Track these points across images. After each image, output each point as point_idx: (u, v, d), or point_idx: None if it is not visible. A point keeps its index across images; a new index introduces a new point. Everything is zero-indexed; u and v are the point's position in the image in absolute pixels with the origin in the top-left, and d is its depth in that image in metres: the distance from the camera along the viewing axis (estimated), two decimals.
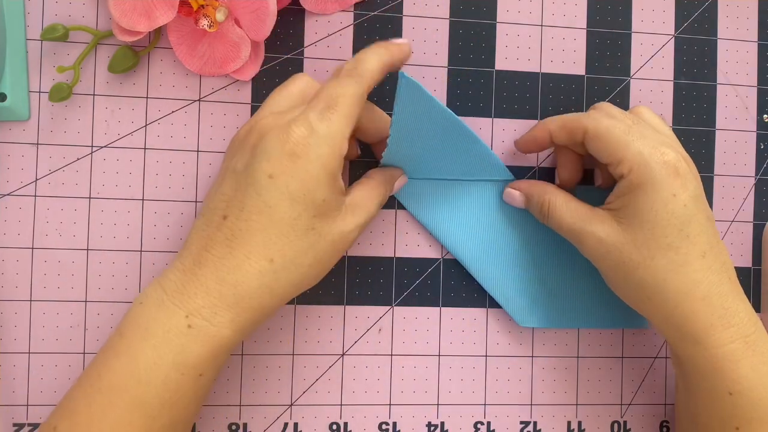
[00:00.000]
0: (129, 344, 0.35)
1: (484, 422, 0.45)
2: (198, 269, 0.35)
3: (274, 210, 0.34)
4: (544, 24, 0.45)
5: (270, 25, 0.40)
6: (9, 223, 0.41)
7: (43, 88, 0.41)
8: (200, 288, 0.35)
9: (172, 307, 0.34)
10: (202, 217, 0.36)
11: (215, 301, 0.34)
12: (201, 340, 0.34)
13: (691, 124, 0.46)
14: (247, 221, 0.35)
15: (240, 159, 0.36)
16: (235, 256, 0.35)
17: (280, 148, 0.34)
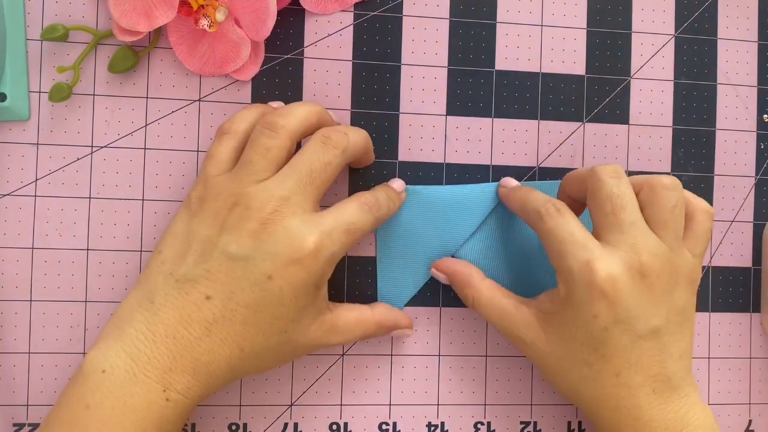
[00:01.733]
0: (105, 420, 0.34)
1: (484, 422, 0.45)
2: (173, 344, 0.35)
3: (260, 308, 0.35)
4: (544, 24, 0.45)
5: (270, 25, 0.40)
6: (9, 223, 0.41)
7: (43, 88, 0.41)
8: (176, 364, 0.35)
9: (147, 380, 0.34)
10: (174, 284, 0.36)
11: (190, 379, 0.35)
12: (178, 411, 0.35)
13: (691, 124, 0.46)
14: (232, 311, 0.35)
15: (235, 243, 0.35)
16: (211, 340, 0.35)
17: (289, 253, 0.35)
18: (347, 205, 0.37)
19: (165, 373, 0.35)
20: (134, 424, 0.34)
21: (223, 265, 0.35)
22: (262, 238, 0.35)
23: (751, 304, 0.47)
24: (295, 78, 0.43)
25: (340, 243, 0.36)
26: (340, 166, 0.37)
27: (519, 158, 0.45)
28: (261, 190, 0.36)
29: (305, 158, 0.37)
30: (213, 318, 0.35)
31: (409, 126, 0.44)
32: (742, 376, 0.46)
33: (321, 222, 0.36)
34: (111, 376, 0.34)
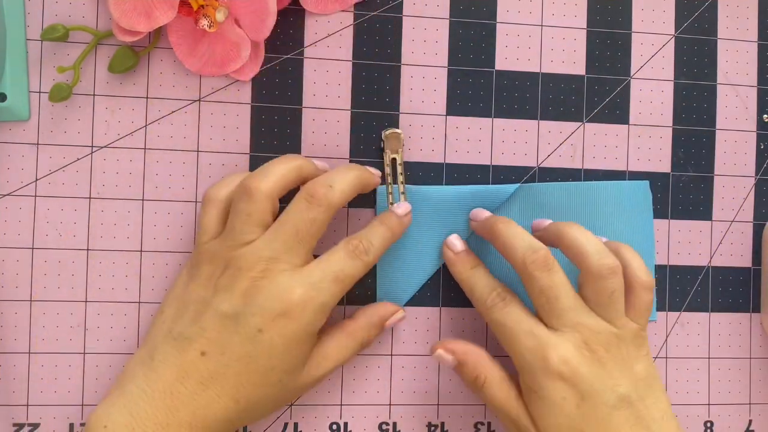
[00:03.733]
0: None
1: (484, 422, 0.45)
2: (170, 400, 0.36)
3: (253, 361, 0.36)
4: (544, 24, 0.45)
5: (270, 25, 0.40)
6: (9, 223, 0.41)
7: (43, 88, 0.41)
8: (173, 420, 0.36)
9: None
10: (172, 342, 0.37)
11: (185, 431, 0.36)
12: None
13: (691, 124, 0.46)
14: (226, 366, 0.36)
15: (227, 301, 0.37)
16: (207, 394, 0.36)
17: (277, 307, 0.36)
18: (335, 253, 0.38)
19: (163, 429, 0.36)
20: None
21: (216, 323, 0.37)
22: (252, 294, 0.36)
23: (751, 304, 0.47)
24: (295, 78, 0.43)
25: (329, 292, 0.37)
26: (327, 220, 0.38)
27: (519, 158, 0.45)
28: (249, 252, 0.37)
29: (290, 218, 0.38)
30: (208, 373, 0.36)
31: (409, 126, 0.44)
32: (742, 376, 0.46)
33: (309, 274, 0.37)
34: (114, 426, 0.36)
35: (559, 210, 0.45)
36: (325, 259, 0.38)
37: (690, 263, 0.46)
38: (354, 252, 0.38)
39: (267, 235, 0.37)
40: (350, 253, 0.38)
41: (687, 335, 0.46)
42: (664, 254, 0.46)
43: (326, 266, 0.38)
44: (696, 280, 0.46)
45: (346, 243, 0.39)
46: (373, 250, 0.39)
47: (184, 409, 0.36)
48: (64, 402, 0.41)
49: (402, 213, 0.41)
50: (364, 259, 0.38)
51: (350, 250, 0.38)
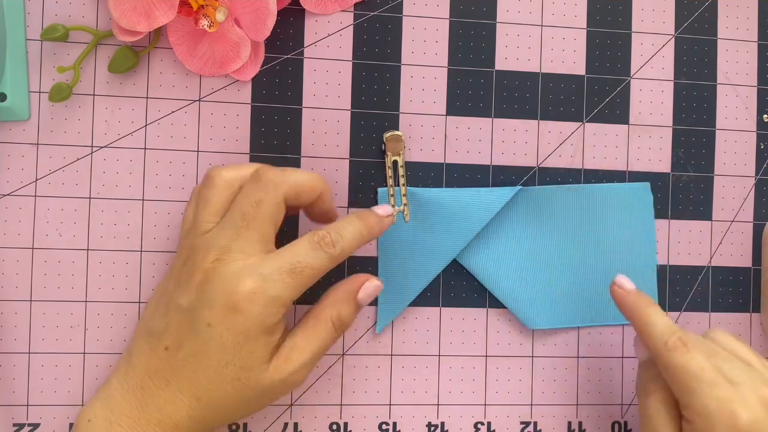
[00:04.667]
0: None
1: (484, 422, 0.45)
2: (141, 395, 0.37)
3: (205, 356, 0.36)
4: (544, 24, 0.45)
5: (270, 25, 0.40)
6: (9, 223, 0.41)
7: (43, 88, 0.41)
8: (143, 414, 0.36)
9: (119, 429, 0.36)
10: (147, 337, 0.38)
11: (156, 428, 0.36)
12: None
13: (691, 124, 0.46)
14: (183, 360, 0.36)
15: (184, 294, 0.36)
16: (170, 389, 0.36)
17: (225, 300, 0.35)
18: (297, 243, 0.37)
19: (135, 423, 0.36)
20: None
21: (177, 317, 0.36)
22: (203, 287, 0.36)
23: (751, 304, 0.47)
24: (295, 78, 0.43)
25: (282, 285, 0.35)
26: (274, 203, 0.36)
27: (519, 158, 0.45)
28: (203, 242, 0.37)
29: (236, 203, 0.37)
30: (170, 368, 0.36)
31: (409, 126, 0.44)
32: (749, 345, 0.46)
33: (261, 265, 0.35)
34: (93, 425, 0.37)
35: (561, 212, 0.45)
36: (284, 249, 0.36)
37: (690, 263, 0.46)
38: (318, 243, 0.36)
39: (219, 225, 0.37)
40: (313, 243, 0.36)
41: None
42: (664, 254, 0.46)
43: (282, 257, 0.36)
44: (696, 280, 0.46)
45: (311, 234, 0.37)
46: (341, 243, 0.37)
47: (152, 405, 0.36)
48: (64, 402, 0.41)
49: (383, 214, 0.39)
50: (328, 251, 0.36)
51: (314, 241, 0.36)
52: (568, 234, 0.45)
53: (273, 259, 0.36)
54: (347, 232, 0.37)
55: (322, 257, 0.36)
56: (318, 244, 0.36)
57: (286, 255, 0.36)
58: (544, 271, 0.44)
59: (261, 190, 0.36)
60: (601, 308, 0.45)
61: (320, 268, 0.36)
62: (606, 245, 0.45)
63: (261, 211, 0.36)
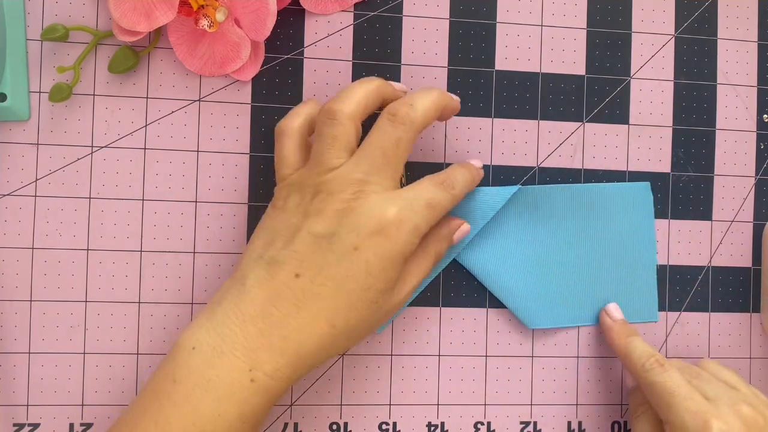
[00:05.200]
0: (188, 394, 0.34)
1: (484, 422, 0.45)
2: (261, 323, 0.35)
3: (349, 280, 0.35)
4: (544, 24, 0.45)
5: (270, 25, 0.40)
6: (9, 223, 0.41)
7: (43, 88, 0.41)
8: (264, 343, 0.35)
9: (233, 358, 0.34)
10: (264, 266, 0.36)
11: (278, 359, 0.35)
12: (262, 394, 0.35)
13: (691, 124, 0.46)
14: (321, 285, 0.35)
15: (320, 223, 0.36)
16: (301, 317, 0.35)
17: (373, 225, 0.35)
18: (421, 183, 0.38)
19: (252, 352, 0.34)
20: (215, 401, 0.34)
21: (310, 245, 0.36)
22: (346, 214, 0.36)
23: (751, 304, 0.47)
24: (295, 78, 0.43)
25: (422, 215, 0.36)
26: (412, 140, 0.37)
27: (519, 158, 0.45)
28: (338, 176, 0.36)
29: (375, 139, 0.37)
30: (302, 294, 0.35)
31: None
32: (742, 376, 0.46)
33: (401, 195, 0.36)
34: (199, 352, 0.35)
35: (561, 212, 0.45)
36: (413, 187, 0.37)
37: (690, 263, 0.46)
38: (441, 184, 0.38)
39: (354, 158, 0.37)
40: (437, 184, 0.38)
41: (687, 335, 0.46)
42: (664, 254, 0.46)
43: (417, 192, 0.37)
44: (696, 280, 0.46)
45: (430, 177, 0.38)
46: (458, 186, 0.39)
47: (275, 333, 0.35)
48: (64, 402, 0.41)
49: (479, 165, 0.42)
50: (450, 192, 0.38)
51: (437, 182, 0.38)
52: (567, 233, 0.45)
53: (411, 193, 0.37)
54: (459, 177, 0.39)
55: (446, 197, 0.38)
56: (441, 184, 0.38)
57: (419, 191, 0.37)
58: (544, 270, 0.44)
59: (399, 130, 0.37)
60: (600, 308, 0.45)
61: (446, 207, 0.38)
62: (606, 244, 0.45)
63: (400, 149, 0.37)
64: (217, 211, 0.43)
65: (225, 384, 0.34)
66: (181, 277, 0.42)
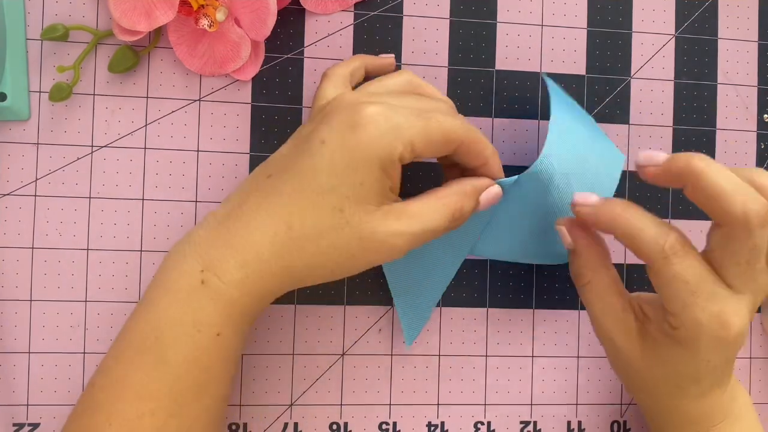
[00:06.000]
0: (151, 300, 0.34)
1: (484, 422, 0.45)
2: (227, 222, 0.34)
3: (310, 175, 0.33)
4: (544, 24, 0.45)
5: (270, 24, 0.40)
6: (9, 223, 0.41)
7: (43, 87, 0.41)
8: (220, 240, 0.34)
9: (191, 260, 0.34)
10: (251, 176, 0.36)
11: (228, 258, 0.33)
12: (212, 297, 0.33)
13: (691, 124, 0.46)
14: (285, 182, 0.33)
15: (309, 124, 0.35)
16: (260, 215, 0.33)
17: (346, 118, 0.33)
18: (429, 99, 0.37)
19: (207, 252, 0.34)
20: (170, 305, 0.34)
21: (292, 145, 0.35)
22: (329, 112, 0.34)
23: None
24: (295, 78, 0.43)
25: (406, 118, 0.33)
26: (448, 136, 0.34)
27: (519, 158, 0.45)
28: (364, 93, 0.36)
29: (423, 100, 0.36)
30: (266, 192, 0.34)
31: None
32: (742, 376, 0.46)
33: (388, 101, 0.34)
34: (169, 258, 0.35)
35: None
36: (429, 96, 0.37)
37: None
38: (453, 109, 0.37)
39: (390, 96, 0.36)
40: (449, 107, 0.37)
41: None
42: None
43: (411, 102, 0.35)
44: None
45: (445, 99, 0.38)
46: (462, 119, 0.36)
47: (234, 232, 0.33)
48: (64, 402, 0.41)
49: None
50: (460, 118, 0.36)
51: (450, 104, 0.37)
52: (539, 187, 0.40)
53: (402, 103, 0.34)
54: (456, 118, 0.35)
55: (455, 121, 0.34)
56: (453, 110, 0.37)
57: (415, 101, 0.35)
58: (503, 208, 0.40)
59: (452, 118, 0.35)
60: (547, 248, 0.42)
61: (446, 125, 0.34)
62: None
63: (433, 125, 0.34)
64: None
65: (179, 287, 0.34)
66: None
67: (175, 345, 0.33)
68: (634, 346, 0.36)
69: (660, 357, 0.35)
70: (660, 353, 0.35)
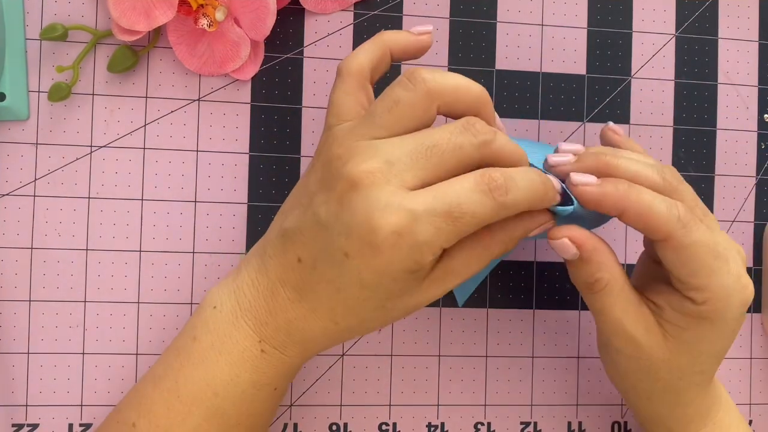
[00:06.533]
0: (204, 354, 0.34)
1: (484, 422, 0.45)
2: (271, 300, 0.33)
3: (343, 287, 0.31)
4: (545, 24, 0.45)
5: (270, 24, 0.40)
6: (8, 223, 0.41)
7: (42, 87, 0.41)
8: (271, 320, 0.34)
9: (245, 327, 0.34)
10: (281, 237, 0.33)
11: (284, 338, 0.34)
12: (274, 364, 0.34)
13: (691, 124, 0.46)
14: (317, 283, 0.32)
15: (324, 204, 0.31)
16: (303, 306, 0.33)
17: (364, 234, 0.29)
18: (461, 180, 0.30)
19: (262, 326, 0.34)
20: (228, 365, 0.34)
21: (312, 228, 0.31)
22: (344, 205, 0.30)
23: (752, 305, 0.47)
24: (295, 78, 0.43)
25: (434, 229, 0.29)
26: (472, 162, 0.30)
27: None
28: (368, 147, 0.30)
29: (435, 131, 0.30)
30: (303, 284, 0.32)
31: None
32: (742, 376, 0.46)
33: (413, 200, 0.29)
34: (219, 313, 0.34)
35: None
36: (444, 186, 0.30)
37: None
38: (488, 185, 0.29)
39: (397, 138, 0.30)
40: (480, 184, 0.29)
41: None
42: None
43: (441, 194, 0.29)
44: None
45: (479, 173, 0.30)
46: (514, 191, 0.30)
47: (281, 315, 0.33)
48: (63, 402, 0.41)
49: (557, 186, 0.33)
50: (498, 198, 0.29)
51: (482, 182, 0.29)
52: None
53: (430, 196, 0.29)
54: (522, 180, 0.30)
55: (487, 204, 0.30)
56: (486, 186, 0.29)
57: (445, 194, 0.29)
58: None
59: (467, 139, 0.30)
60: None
61: (483, 217, 0.30)
62: None
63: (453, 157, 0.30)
64: (217, 211, 0.43)
65: (237, 350, 0.34)
66: (180, 277, 0.42)
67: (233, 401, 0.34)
68: (657, 339, 0.34)
69: (686, 342, 0.33)
70: (685, 338, 0.33)
